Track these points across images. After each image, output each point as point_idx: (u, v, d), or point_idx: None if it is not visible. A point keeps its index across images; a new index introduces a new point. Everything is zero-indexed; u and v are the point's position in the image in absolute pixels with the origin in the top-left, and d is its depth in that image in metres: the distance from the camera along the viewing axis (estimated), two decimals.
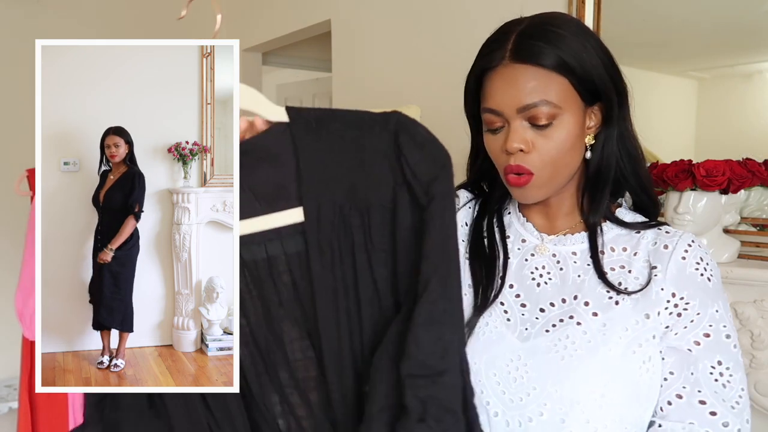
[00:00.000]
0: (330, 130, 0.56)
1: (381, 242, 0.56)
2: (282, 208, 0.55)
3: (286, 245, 0.57)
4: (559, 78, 0.73)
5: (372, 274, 0.55)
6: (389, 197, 0.56)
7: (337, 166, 0.55)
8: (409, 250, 0.55)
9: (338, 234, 0.55)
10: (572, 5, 1.71)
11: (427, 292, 0.52)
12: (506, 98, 0.73)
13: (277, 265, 0.58)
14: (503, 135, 0.76)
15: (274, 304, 0.58)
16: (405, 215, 0.55)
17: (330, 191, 0.55)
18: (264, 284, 0.58)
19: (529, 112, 0.73)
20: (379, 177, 0.56)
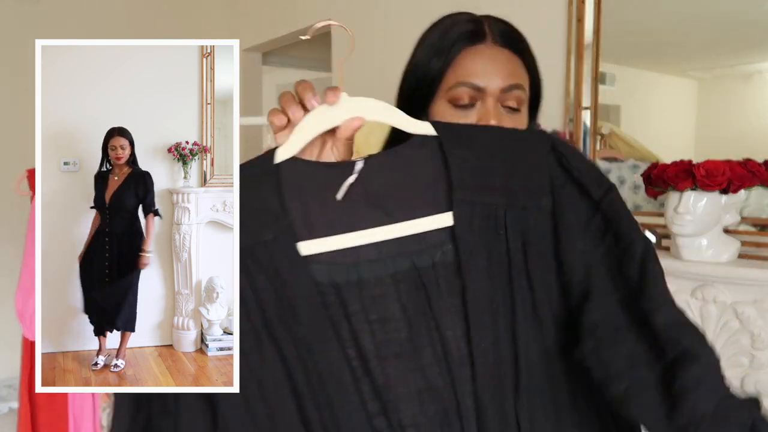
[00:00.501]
0: (481, 142, 0.56)
1: (539, 244, 0.53)
2: (428, 214, 0.53)
3: (436, 253, 0.53)
4: (526, 74, 0.76)
5: (528, 273, 0.53)
6: (549, 201, 0.54)
7: (490, 174, 0.54)
8: (576, 249, 0.53)
9: (494, 236, 0.53)
10: (572, 5, 1.71)
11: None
12: (491, 76, 0.73)
13: (422, 274, 0.53)
14: (474, 113, 0.73)
15: (422, 313, 0.53)
16: (572, 213, 0.54)
17: (482, 196, 0.53)
18: (414, 293, 0.53)
19: (511, 93, 0.73)
20: (537, 182, 0.54)
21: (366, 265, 0.53)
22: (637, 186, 1.64)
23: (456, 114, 0.74)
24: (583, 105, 1.70)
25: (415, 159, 0.55)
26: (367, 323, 0.52)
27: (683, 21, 1.58)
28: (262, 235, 0.52)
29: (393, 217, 0.53)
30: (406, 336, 0.52)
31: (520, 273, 0.53)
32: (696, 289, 1.35)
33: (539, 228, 0.53)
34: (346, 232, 0.52)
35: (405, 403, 0.51)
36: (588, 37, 1.69)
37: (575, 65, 1.71)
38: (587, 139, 1.71)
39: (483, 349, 0.51)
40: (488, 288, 0.52)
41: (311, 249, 0.52)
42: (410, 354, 0.52)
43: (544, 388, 0.52)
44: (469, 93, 0.73)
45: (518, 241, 0.53)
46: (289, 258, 0.51)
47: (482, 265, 0.52)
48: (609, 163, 1.70)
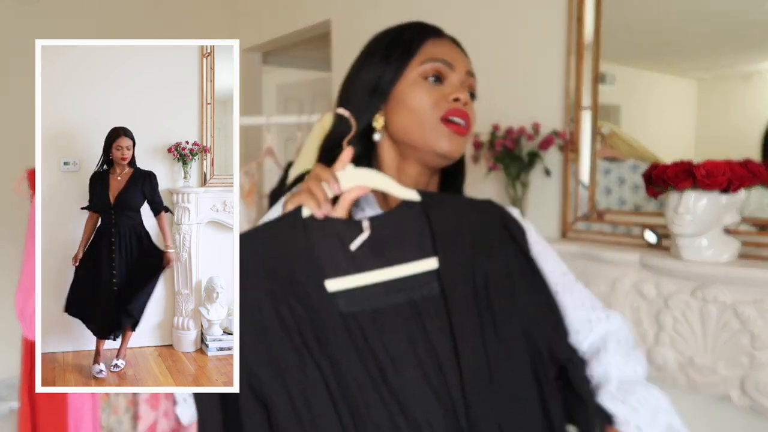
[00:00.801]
0: (452, 205, 0.74)
1: (498, 282, 0.71)
2: (418, 258, 0.69)
3: (426, 289, 0.69)
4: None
5: (491, 304, 0.69)
6: (501, 252, 0.73)
7: (460, 229, 0.72)
8: (524, 289, 0.72)
9: (468, 277, 0.69)
10: (572, 5, 1.71)
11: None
12: (459, 59, 0.82)
13: (416, 305, 0.68)
14: (445, 88, 0.80)
15: (412, 341, 0.66)
16: (516, 265, 0.73)
17: (459, 245, 0.70)
18: (405, 324, 0.67)
19: (471, 79, 0.84)
20: (491, 238, 0.74)
21: (374, 299, 0.67)
22: (637, 186, 1.64)
23: (428, 87, 0.80)
24: (583, 105, 1.70)
25: (405, 217, 0.72)
26: (381, 343, 0.65)
27: (683, 21, 1.58)
28: (297, 275, 0.66)
29: (392, 261, 0.69)
30: (412, 351, 0.65)
31: (485, 305, 0.69)
32: (696, 289, 1.35)
33: (496, 271, 0.71)
34: (359, 272, 0.68)
35: (417, 403, 0.63)
36: (588, 37, 1.69)
37: (575, 65, 1.71)
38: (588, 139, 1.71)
39: (467, 359, 0.65)
40: (466, 313, 0.67)
41: (335, 286, 0.67)
42: (416, 365, 0.64)
43: (509, 384, 0.67)
44: (440, 67, 0.80)
45: (482, 280, 0.70)
46: (319, 293, 0.65)
47: (461, 296, 0.68)
48: (609, 163, 1.70)
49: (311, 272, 0.66)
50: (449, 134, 0.79)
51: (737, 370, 1.33)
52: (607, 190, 1.70)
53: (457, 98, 0.79)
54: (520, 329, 0.70)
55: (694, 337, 1.38)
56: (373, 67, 0.82)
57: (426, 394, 0.63)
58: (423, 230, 0.71)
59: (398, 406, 0.62)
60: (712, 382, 1.38)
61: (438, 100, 0.79)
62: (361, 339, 0.65)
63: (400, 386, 0.63)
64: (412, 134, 0.80)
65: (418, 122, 0.79)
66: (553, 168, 1.76)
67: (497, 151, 1.69)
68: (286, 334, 0.63)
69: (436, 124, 0.78)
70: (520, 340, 0.69)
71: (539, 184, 1.80)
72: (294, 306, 0.64)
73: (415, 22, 0.86)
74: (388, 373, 0.63)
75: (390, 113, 0.81)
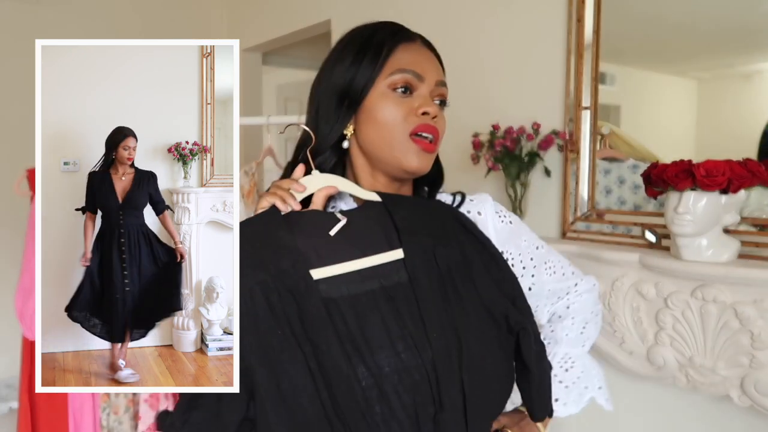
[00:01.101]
0: (409, 203, 0.82)
1: (458, 267, 0.77)
2: (386, 250, 0.76)
3: (396, 276, 0.75)
4: None
5: (456, 287, 0.76)
6: (456, 242, 0.79)
7: (419, 224, 0.78)
8: (481, 271, 0.79)
9: (431, 264, 0.75)
10: (572, 5, 1.71)
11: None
12: (429, 69, 0.81)
13: (389, 290, 0.74)
14: (414, 100, 0.80)
15: (385, 323, 0.73)
16: (473, 252, 0.80)
17: (420, 238, 0.77)
18: (380, 304, 0.73)
19: (441, 89, 0.83)
20: (447, 230, 0.80)
21: (352, 284, 0.73)
22: (637, 186, 1.64)
23: (397, 99, 0.79)
24: (583, 105, 1.70)
25: (372, 214, 0.79)
26: (358, 325, 0.71)
27: (683, 21, 1.58)
28: (283, 264, 0.71)
29: (365, 252, 0.75)
30: (385, 333, 0.71)
31: (451, 287, 0.75)
32: (696, 289, 1.35)
33: (456, 258, 0.78)
34: (338, 262, 0.74)
35: (388, 379, 0.69)
36: (588, 37, 1.69)
37: (575, 65, 1.72)
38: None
39: (436, 338, 0.71)
40: (432, 297, 0.73)
41: (319, 274, 0.72)
42: (389, 345, 0.71)
43: (478, 357, 0.73)
44: (409, 79, 0.79)
45: (445, 266, 0.76)
46: (305, 280, 0.71)
47: (425, 282, 0.74)
48: (609, 163, 1.70)
49: (296, 262, 0.71)
50: (417, 151, 0.79)
51: (737, 370, 1.33)
52: (607, 190, 1.70)
53: (426, 112, 0.79)
54: (483, 306, 0.76)
55: (694, 337, 1.38)
56: (343, 71, 0.81)
57: (399, 371, 0.70)
58: (388, 225, 0.78)
59: (373, 380, 0.69)
60: (712, 382, 1.38)
61: (407, 114, 0.79)
62: (341, 322, 0.70)
63: (375, 364, 0.69)
64: (380, 149, 0.81)
65: (386, 137, 0.79)
66: (553, 168, 1.76)
67: (497, 151, 1.69)
68: (276, 321, 0.68)
69: (404, 140, 0.79)
70: (485, 316, 0.76)
71: (539, 184, 1.80)
72: (283, 294, 0.69)
73: (387, 23, 0.85)
74: (365, 353, 0.69)
75: (359, 123, 0.81)
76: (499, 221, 0.92)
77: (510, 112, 1.84)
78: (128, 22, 3.10)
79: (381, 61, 0.79)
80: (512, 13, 1.93)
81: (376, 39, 0.81)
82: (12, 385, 2.64)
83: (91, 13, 3.01)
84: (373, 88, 0.79)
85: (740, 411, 1.43)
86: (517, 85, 1.91)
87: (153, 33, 3.15)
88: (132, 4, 3.13)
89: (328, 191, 0.80)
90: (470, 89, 2.00)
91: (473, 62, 2.03)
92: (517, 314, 0.78)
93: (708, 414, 1.52)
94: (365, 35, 0.82)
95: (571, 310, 1.00)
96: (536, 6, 1.85)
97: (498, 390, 0.75)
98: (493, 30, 1.98)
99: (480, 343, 0.74)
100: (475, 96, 1.99)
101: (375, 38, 0.81)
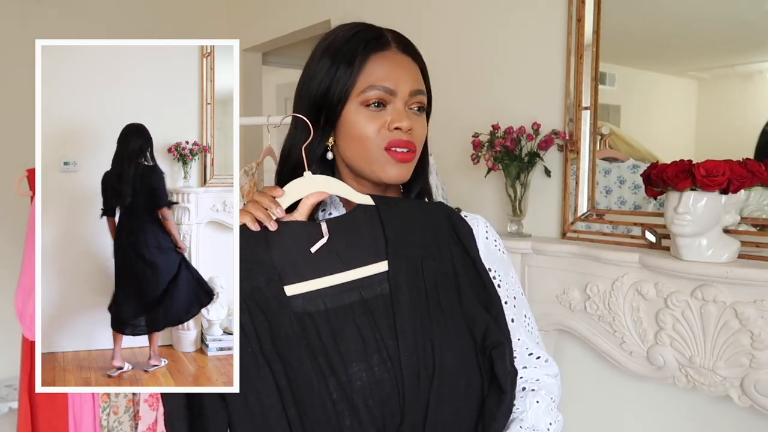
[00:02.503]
0: (404, 209, 0.79)
1: (445, 281, 0.76)
2: (371, 262, 0.75)
3: (378, 288, 0.75)
4: (423, 81, 0.85)
5: (440, 302, 0.75)
6: (448, 252, 0.78)
7: (411, 233, 0.77)
8: (468, 286, 0.78)
9: (417, 277, 0.75)
10: (572, 5, 1.71)
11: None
12: (400, 80, 0.80)
13: (369, 302, 0.74)
14: (387, 113, 0.79)
15: (363, 336, 0.73)
16: (461, 266, 0.79)
17: (407, 250, 0.76)
18: (357, 318, 0.73)
19: (417, 97, 0.82)
20: (440, 240, 0.79)
21: (329, 298, 0.73)
22: (637, 186, 1.64)
23: (370, 114, 0.79)
24: (583, 105, 1.70)
25: (362, 221, 0.77)
26: (333, 339, 0.71)
27: (683, 21, 1.58)
28: (258, 281, 0.71)
29: (347, 264, 0.74)
30: (361, 346, 0.71)
31: (434, 303, 0.75)
32: (696, 289, 1.35)
33: (444, 271, 0.77)
34: (317, 277, 0.73)
35: (359, 392, 0.70)
36: (588, 37, 1.69)
37: (575, 65, 1.72)
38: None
39: (407, 356, 0.71)
40: (411, 312, 0.73)
41: (293, 290, 0.72)
42: (363, 359, 0.71)
43: (452, 375, 0.72)
44: (380, 95, 0.79)
45: (432, 280, 0.76)
46: (277, 298, 0.71)
47: (406, 297, 0.73)
48: (609, 163, 1.70)
49: (271, 279, 0.72)
50: (394, 163, 0.80)
51: (737, 370, 1.33)
52: (607, 190, 1.70)
53: (398, 127, 0.79)
54: (465, 323, 0.76)
55: (694, 337, 1.38)
56: (317, 85, 0.81)
57: (370, 384, 0.70)
58: (377, 235, 0.77)
59: (343, 393, 0.69)
60: (712, 382, 1.38)
61: (379, 129, 0.79)
62: (315, 336, 0.71)
63: (347, 378, 0.70)
64: (357, 162, 0.82)
65: (363, 152, 0.80)
66: (553, 168, 1.76)
67: (497, 151, 1.69)
68: (246, 339, 0.69)
69: (380, 154, 0.79)
70: (465, 333, 0.75)
71: (539, 184, 1.80)
72: (255, 312, 0.70)
73: (361, 30, 0.83)
74: (337, 366, 0.70)
75: (338, 136, 0.83)
76: (492, 244, 0.89)
77: (510, 112, 1.84)
78: (128, 22, 3.10)
79: (353, 77, 0.79)
80: (512, 13, 1.93)
81: (348, 50, 0.80)
82: (12, 385, 2.64)
83: (91, 13, 3.01)
84: (347, 104, 0.80)
85: (740, 411, 1.43)
86: (517, 85, 1.91)
87: (153, 33, 3.14)
88: (132, 5, 3.13)
89: (316, 198, 0.78)
90: (470, 89, 2.00)
91: (473, 62, 2.03)
92: (497, 333, 0.76)
93: (708, 414, 1.52)
94: (337, 45, 0.82)
95: (542, 384, 0.90)
96: (536, 6, 1.85)
97: (466, 408, 0.74)
98: (493, 30, 1.98)
99: (456, 360, 0.73)
100: (475, 96, 1.99)
101: (346, 49, 0.80)
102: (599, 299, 1.55)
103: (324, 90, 0.81)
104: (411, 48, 0.85)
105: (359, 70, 0.79)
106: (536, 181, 1.79)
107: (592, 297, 1.57)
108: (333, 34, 0.84)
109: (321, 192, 0.78)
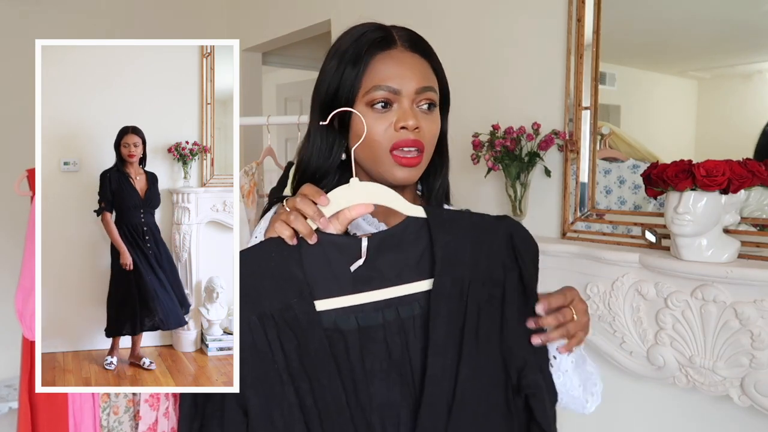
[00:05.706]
0: (459, 226, 0.73)
1: (490, 308, 0.71)
2: (414, 280, 0.71)
3: (417, 308, 0.71)
4: (435, 77, 0.84)
5: (477, 332, 0.70)
6: (501, 277, 0.72)
7: (463, 252, 0.72)
8: (514, 316, 0.72)
9: (459, 302, 0.70)
10: (572, 5, 1.71)
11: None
12: (405, 79, 0.79)
13: (404, 322, 0.71)
14: (393, 113, 0.79)
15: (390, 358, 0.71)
16: (513, 291, 0.72)
17: (455, 271, 0.71)
18: (394, 336, 0.71)
19: (424, 95, 0.80)
20: (495, 263, 0.73)
21: (363, 315, 0.70)
22: (637, 186, 1.64)
23: (375, 115, 0.79)
24: (583, 105, 1.70)
25: (407, 237, 0.72)
26: (360, 358, 0.70)
27: (683, 21, 1.58)
28: (289, 298, 0.68)
29: (387, 282, 0.71)
30: (387, 366, 0.70)
31: (470, 331, 0.70)
32: (696, 289, 1.35)
33: (491, 297, 0.72)
34: (353, 293, 0.70)
35: (377, 412, 0.69)
36: (588, 37, 1.69)
37: (575, 65, 1.71)
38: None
39: (430, 382, 0.68)
40: (445, 338, 0.69)
41: (325, 305, 0.70)
42: (385, 378, 0.70)
43: (473, 411, 0.69)
44: (385, 95, 0.79)
45: (475, 307, 0.71)
46: (308, 315, 0.68)
47: (443, 322, 0.70)
48: (609, 163, 1.70)
49: (302, 295, 0.69)
50: (401, 168, 0.79)
51: (737, 370, 1.33)
52: (607, 190, 1.70)
53: (403, 127, 0.78)
54: (501, 355, 0.71)
55: (693, 337, 1.38)
56: (325, 89, 0.82)
57: (388, 405, 0.69)
58: (424, 253, 0.72)
59: (361, 413, 0.68)
60: (712, 382, 1.38)
61: (385, 129, 0.79)
62: (343, 354, 0.69)
63: (367, 396, 0.69)
64: (366, 163, 0.82)
65: (370, 154, 0.80)
66: (553, 168, 1.76)
67: (497, 151, 1.69)
68: (272, 355, 0.68)
69: (386, 157, 0.79)
70: (498, 369, 0.71)
71: (539, 184, 1.80)
72: (283, 329, 0.68)
73: (368, 29, 0.83)
74: (360, 386, 0.69)
75: (348, 139, 0.83)
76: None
77: (510, 112, 1.84)
78: (128, 22, 3.10)
79: (358, 78, 0.79)
80: (512, 13, 1.93)
81: (354, 52, 0.80)
82: (12, 385, 2.64)
83: (91, 13, 3.01)
84: (354, 105, 0.80)
85: (740, 411, 1.43)
86: (517, 85, 1.91)
87: (153, 33, 3.14)
88: (132, 5, 3.13)
89: (360, 211, 0.72)
90: (470, 89, 2.00)
91: (473, 62, 2.03)
92: (535, 372, 0.72)
93: (708, 414, 1.52)
94: (344, 47, 0.82)
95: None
96: (536, 6, 1.85)
97: None
98: (493, 30, 1.98)
99: (480, 395, 0.70)
100: (475, 96, 1.99)
101: (352, 51, 0.81)
102: (599, 299, 1.55)
103: (333, 92, 0.81)
104: (420, 45, 0.83)
105: (364, 71, 0.79)
106: (536, 181, 1.79)
107: (592, 297, 1.57)
108: (343, 36, 0.85)
109: (367, 205, 0.72)
